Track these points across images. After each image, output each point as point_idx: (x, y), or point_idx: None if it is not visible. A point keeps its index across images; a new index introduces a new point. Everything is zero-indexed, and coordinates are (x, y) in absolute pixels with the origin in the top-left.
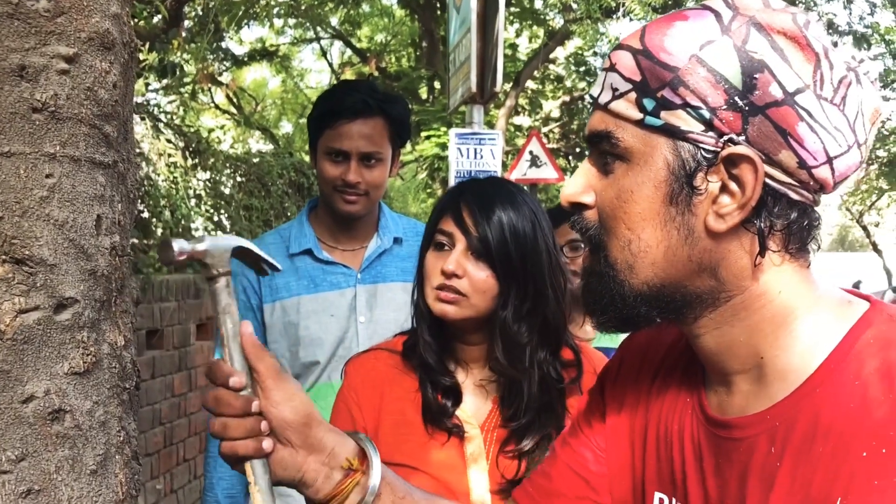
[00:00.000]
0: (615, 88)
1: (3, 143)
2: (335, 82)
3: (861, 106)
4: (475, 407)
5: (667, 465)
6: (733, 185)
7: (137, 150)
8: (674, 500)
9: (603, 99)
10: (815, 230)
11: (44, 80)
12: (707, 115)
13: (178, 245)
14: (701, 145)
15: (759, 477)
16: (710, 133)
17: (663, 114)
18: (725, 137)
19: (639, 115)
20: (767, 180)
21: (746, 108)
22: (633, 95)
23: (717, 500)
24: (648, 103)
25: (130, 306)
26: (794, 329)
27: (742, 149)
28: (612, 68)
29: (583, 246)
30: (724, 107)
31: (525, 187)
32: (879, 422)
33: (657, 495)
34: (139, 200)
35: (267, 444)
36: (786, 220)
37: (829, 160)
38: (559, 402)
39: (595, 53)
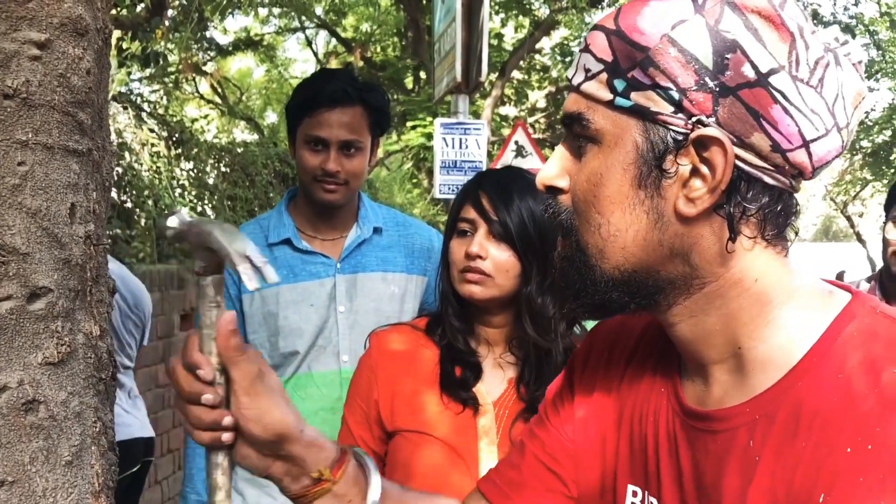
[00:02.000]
0: (588, 69)
1: None
2: None
3: (841, 88)
4: (491, 385)
5: (640, 457)
6: (704, 169)
7: (120, 140)
8: (647, 493)
9: (576, 80)
10: (793, 217)
11: (15, 66)
12: (677, 96)
13: (176, 219)
14: (670, 127)
15: (737, 470)
16: (680, 115)
17: (633, 95)
18: (694, 119)
19: (609, 96)
20: (739, 164)
21: (717, 89)
22: (604, 76)
23: (692, 493)
24: (619, 84)
25: (106, 296)
26: (773, 319)
27: (711, 131)
28: (586, 49)
29: None
30: (694, 88)
31: None
32: (864, 416)
33: (630, 488)
34: (122, 191)
35: (226, 437)
36: (760, 206)
37: (806, 144)
38: None
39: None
